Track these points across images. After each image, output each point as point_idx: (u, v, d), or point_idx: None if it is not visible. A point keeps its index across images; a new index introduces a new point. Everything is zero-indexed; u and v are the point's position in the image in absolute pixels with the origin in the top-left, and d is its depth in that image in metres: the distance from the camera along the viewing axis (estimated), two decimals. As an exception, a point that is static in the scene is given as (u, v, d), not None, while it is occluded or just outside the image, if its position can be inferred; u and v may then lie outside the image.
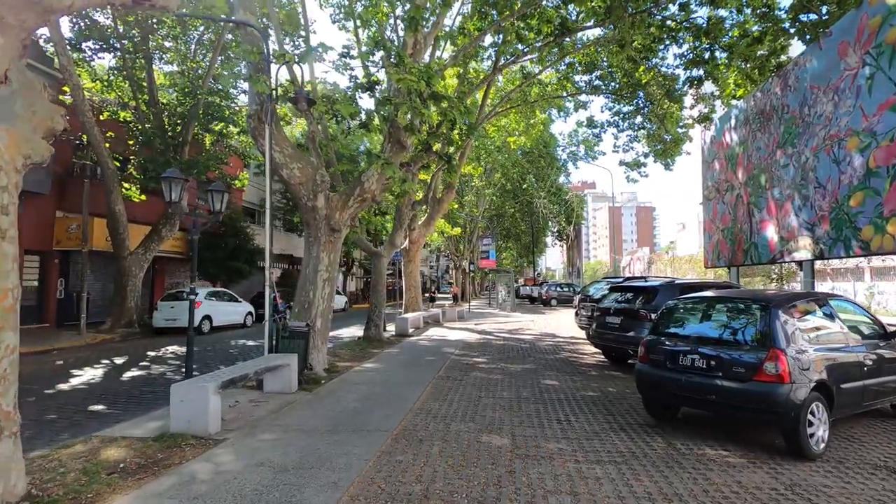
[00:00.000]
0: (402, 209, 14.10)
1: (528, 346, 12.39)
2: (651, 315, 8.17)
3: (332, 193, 8.93)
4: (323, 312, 8.80)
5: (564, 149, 37.40)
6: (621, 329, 8.61)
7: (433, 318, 19.12)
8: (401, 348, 11.85)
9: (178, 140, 17.11)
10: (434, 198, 18.16)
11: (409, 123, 8.70)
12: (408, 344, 12.70)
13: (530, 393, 7.02)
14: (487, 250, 31.21)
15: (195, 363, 10.69)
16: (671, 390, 5.02)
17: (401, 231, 14.10)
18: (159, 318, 16.06)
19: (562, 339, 13.68)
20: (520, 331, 16.26)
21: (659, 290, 8.44)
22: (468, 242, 38.47)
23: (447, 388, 7.35)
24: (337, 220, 8.85)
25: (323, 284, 8.81)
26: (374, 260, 13.60)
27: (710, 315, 5.26)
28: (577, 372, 8.71)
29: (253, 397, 6.73)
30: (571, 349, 11.68)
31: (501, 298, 29.63)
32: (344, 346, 12.31)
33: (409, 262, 18.24)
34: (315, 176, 8.56)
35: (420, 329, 16.42)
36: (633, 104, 16.20)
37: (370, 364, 9.49)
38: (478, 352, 11.27)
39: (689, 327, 5.38)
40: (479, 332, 15.60)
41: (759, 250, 9.64)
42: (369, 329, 13.32)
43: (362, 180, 9.07)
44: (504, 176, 35.67)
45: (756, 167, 9.78)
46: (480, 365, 9.44)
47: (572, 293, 33.57)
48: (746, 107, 10.28)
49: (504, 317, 23.02)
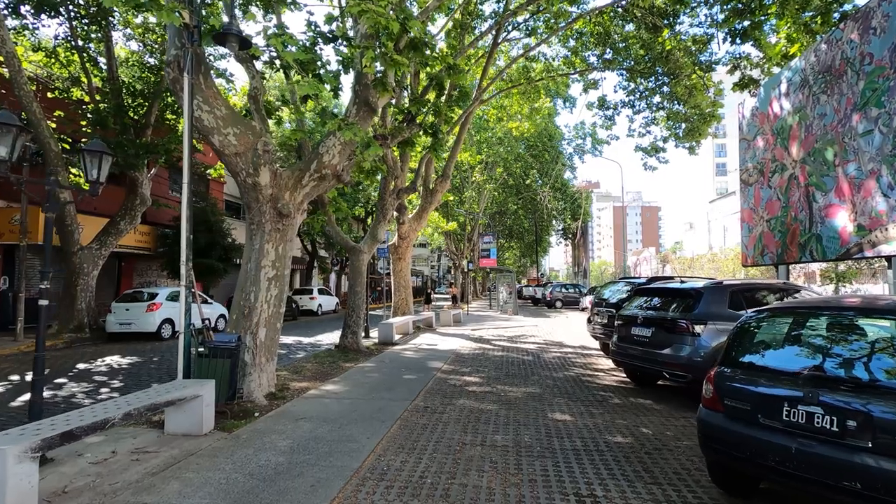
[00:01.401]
0: (386, 197, 12.14)
1: (531, 359, 10.41)
2: (694, 327, 6.18)
3: (281, 169, 6.98)
4: (269, 321, 6.85)
5: (570, 142, 35.48)
6: (653, 344, 6.63)
7: (426, 323, 17.16)
8: (379, 361, 9.89)
9: (141, 122, 15.24)
10: (426, 188, 16.21)
11: (380, 78, 6.75)
12: (389, 355, 10.74)
13: (535, 437, 5.05)
14: (488, 248, 29.22)
15: (131, 378, 8.66)
16: (768, 461, 3.04)
17: (384, 223, 12.15)
18: (113, 321, 14.16)
19: (571, 350, 11.69)
20: (522, 338, 14.28)
21: (704, 293, 6.45)
22: (468, 241, 36.50)
23: (421, 426, 5.38)
24: (287, 202, 6.90)
25: (269, 284, 6.86)
26: (353, 256, 11.67)
27: (830, 337, 3.26)
28: (594, 399, 6.73)
29: (145, 442, 4.79)
30: (584, 364, 9.70)
31: (503, 300, 27.64)
32: (313, 357, 10.37)
33: (398, 260, 16.29)
34: (257, 145, 6.61)
35: (408, 336, 14.46)
36: (650, 80, 14.22)
37: (332, 386, 7.52)
38: (470, 367, 9.30)
39: (791, 356, 3.40)
40: (475, 340, 13.63)
41: (825, 243, 7.63)
42: (346, 337, 11.38)
43: (320, 152, 7.12)
44: (506, 170, 33.70)
45: (819, 139, 7.77)
46: (471, 387, 7.47)
47: (578, 294, 31.57)
48: (804, 65, 8.27)
49: (505, 321, 21.04)
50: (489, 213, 37.44)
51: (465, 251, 36.25)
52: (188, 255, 5.87)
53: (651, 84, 14.32)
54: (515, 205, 38.59)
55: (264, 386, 6.72)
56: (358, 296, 11.51)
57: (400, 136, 8.59)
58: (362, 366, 9.37)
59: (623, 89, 15.10)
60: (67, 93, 14.89)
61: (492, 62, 14.58)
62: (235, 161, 6.61)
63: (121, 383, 8.30)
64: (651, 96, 14.45)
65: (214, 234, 18.62)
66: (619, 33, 13.75)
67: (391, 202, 12.28)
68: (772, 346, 3.57)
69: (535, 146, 33.60)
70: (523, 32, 15.06)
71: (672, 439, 5.00)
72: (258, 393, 6.46)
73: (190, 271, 5.88)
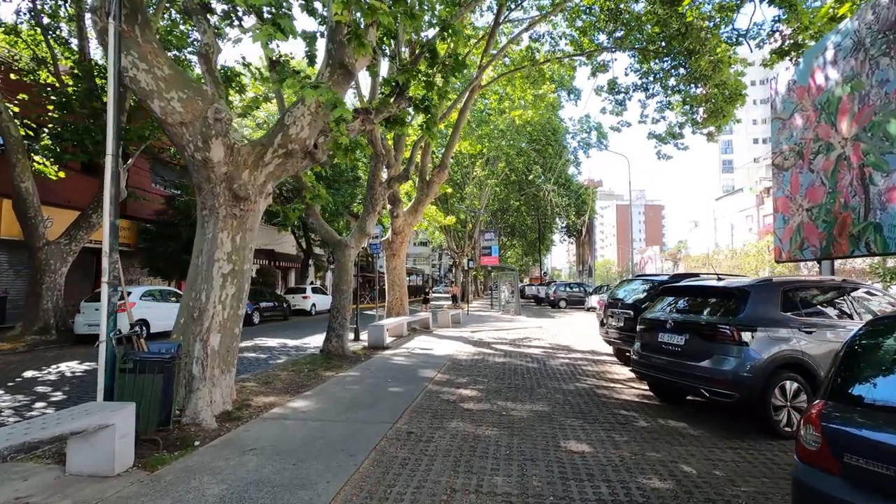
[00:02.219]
0: (375, 186, 10.99)
1: (536, 366, 9.25)
2: (741, 334, 5.01)
3: (240, 143, 5.83)
4: (224, 325, 5.71)
5: (574, 136, 34.29)
6: (687, 355, 5.46)
7: (422, 324, 16.01)
8: (364, 369, 8.74)
9: (115, 107, 14.07)
10: (422, 179, 15.05)
11: (354, 31, 5.58)
12: (377, 362, 9.59)
13: (545, 478, 3.89)
14: (489, 246, 28.03)
15: (78, 389, 6.88)
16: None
17: (373, 216, 10.99)
18: (81, 322, 13.04)
19: (580, 356, 10.52)
20: (526, 342, 13.11)
21: (750, 292, 5.28)
22: (469, 238, 35.33)
23: (400, 462, 4.22)
24: (244, 182, 5.75)
25: (224, 282, 5.72)
26: (338, 252, 10.51)
27: None
28: (615, 420, 5.56)
29: (34, 487, 3.64)
30: (597, 374, 8.53)
31: (504, 300, 26.47)
32: (291, 364, 9.22)
33: (392, 257, 15.13)
34: (207, 112, 5.46)
35: (402, 339, 13.31)
36: (665, 61, 13.02)
37: (302, 401, 6.37)
38: (467, 377, 8.14)
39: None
40: (474, 344, 12.46)
41: (886, 233, 6.45)
42: (330, 341, 10.22)
43: (286, 123, 5.96)
44: (508, 165, 32.50)
45: (880, 110, 6.58)
46: (467, 403, 6.31)
47: (583, 294, 30.40)
48: (857, 26, 7.08)
49: (507, 321, 19.87)
50: (491, 209, 36.28)
51: (466, 249, 35.07)
52: (112, 245, 4.71)
53: (666, 65, 13.12)
54: (518, 201, 37.40)
55: (217, 404, 5.57)
56: (343, 295, 10.35)
57: (386, 112, 7.42)
58: (344, 375, 8.22)
59: (635, 72, 13.92)
60: (34, 74, 13.76)
61: (493, 43, 13.41)
62: (181, 132, 5.45)
63: (63, 396, 7.17)
64: (666, 78, 13.25)
65: (198, 229, 17.45)
66: (629, 13, 12.56)
67: (381, 192, 11.12)
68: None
69: (538, 140, 32.41)
70: (527, 11, 13.91)
71: (726, 483, 3.83)
72: (207, 413, 5.31)
73: (115, 265, 4.73)
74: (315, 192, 8.14)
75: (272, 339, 14.39)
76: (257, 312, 19.34)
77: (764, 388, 4.87)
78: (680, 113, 13.89)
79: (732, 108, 10.89)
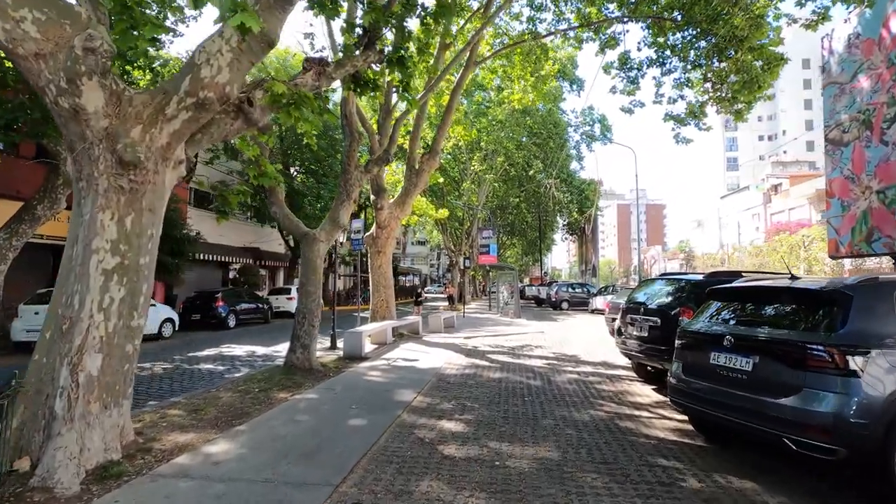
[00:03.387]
0: (350, 170, 9.37)
1: (540, 384, 7.63)
2: (847, 359, 3.39)
3: (131, 91, 4.21)
4: (108, 341, 4.10)
5: (577, 128, 32.70)
6: (758, 385, 3.84)
7: (410, 329, 14.40)
8: (325, 391, 7.11)
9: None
10: (410, 167, 13.44)
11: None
12: (346, 379, 7.96)
13: None
14: (487, 244, 26.42)
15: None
16: None
17: (347, 204, 9.38)
18: (20, 328, 11.48)
19: (591, 370, 8.90)
20: (526, 350, 11.49)
21: (854, 297, 3.65)
22: (467, 236, 33.74)
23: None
24: (135, 142, 4.13)
25: (106, 281, 4.10)
26: (304, 246, 8.89)
27: None
28: (653, 477, 3.94)
29: None
30: (614, 395, 6.91)
31: (503, 301, 24.85)
32: (243, 382, 7.61)
33: (377, 254, 13.51)
34: (75, 40, 3.84)
35: (385, 347, 11.69)
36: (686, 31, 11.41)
37: (224, 444, 4.73)
38: (453, 400, 6.52)
39: None
40: (467, 353, 10.84)
41: None
42: (294, 352, 8.60)
43: (196, 62, 4.34)
44: (508, 160, 30.91)
45: None
46: (448, 446, 4.68)
47: (587, 295, 28.79)
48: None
49: (506, 325, 18.25)
50: (489, 206, 34.69)
51: (464, 247, 33.47)
52: None
53: (686, 35, 11.50)
54: (517, 198, 35.79)
55: (94, 452, 3.95)
56: (311, 297, 8.73)
57: (349, 65, 5.81)
58: (301, 398, 6.59)
59: (649, 46, 12.30)
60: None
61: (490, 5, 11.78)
62: (38, 68, 3.84)
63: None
64: (686, 51, 11.62)
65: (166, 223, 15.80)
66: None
67: (357, 177, 9.49)
68: None
69: (538, 134, 30.82)
70: None
71: None
72: (68, 471, 3.68)
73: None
74: (262, 171, 6.51)
75: (241, 347, 12.78)
76: (234, 315, 17.74)
77: (885, 441, 3.26)
78: (700, 91, 12.27)
79: (772, 77, 9.25)
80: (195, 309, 17.16)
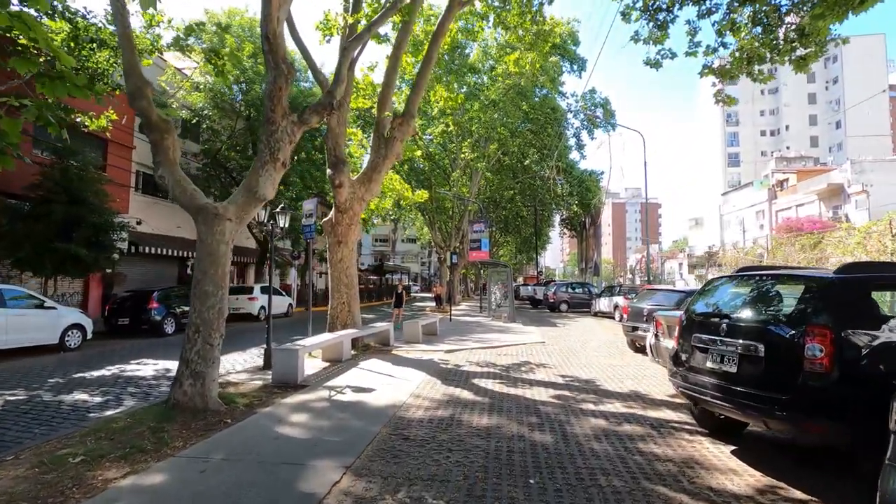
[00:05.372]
0: (274, 118, 6.49)
1: (551, 443, 4.82)
2: None
3: None
4: None
5: (577, 114, 29.94)
6: None
7: (379, 339, 11.56)
8: (188, 467, 4.25)
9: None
10: (379, 134, 10.60)
11: None
12: (244, 434, 5.09)
13: None
14: (479, 238, 23.59)
15: None
16: None
17: (272, 168, 6.50)
18: None
19: (623, 409, 6.11)
20: (525, 372, 8.70)
21: None
22: (457, 231, 30.91)
23: None
24: None
25: None
26: (202, 225, 6.01)
27: None
28: None
29: None
30: (677, 469, 4.12)
31: (496, 302, 22.06)
32: (70, 440, 4.75)
33: (336, 245, 10.64)
34: None
35: (339, 366, 8.83)
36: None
37: None
38: (405, 483, 3.70)
39: None
40: (445, 377, 8.01)
41: None
42: (180, 384, 5.73)
43: None
44: (502, 147, 28.12)
45: None
46: None
47: (588, 296, 26.07)
48: None
49: (498, 331, 15.43)
50: (482, 199, 31.87)
51: (453, 242, 30.63)
52: None
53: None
54: (512, 189, 32.98)
55: None
56: (208, 299, 5.86)
57: None
58: (132, 485, 3.74)
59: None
60: None
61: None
62: None
63: None
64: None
65: (81, 207, 12.85)
66: None
67: (287, 129, 6.61)
68: None
69: (535, 119, 28.03)
70: None
71: None
72: None
73: None
74: (51, 83, 3.57)
75: (159, 362, 9.89)
76: (173, 319, 14.80)
77: None
78: (749, 37, 9.51)
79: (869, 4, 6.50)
80: (124, 312, 14.19)
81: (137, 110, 6.12)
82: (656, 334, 7.51)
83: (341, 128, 10.24)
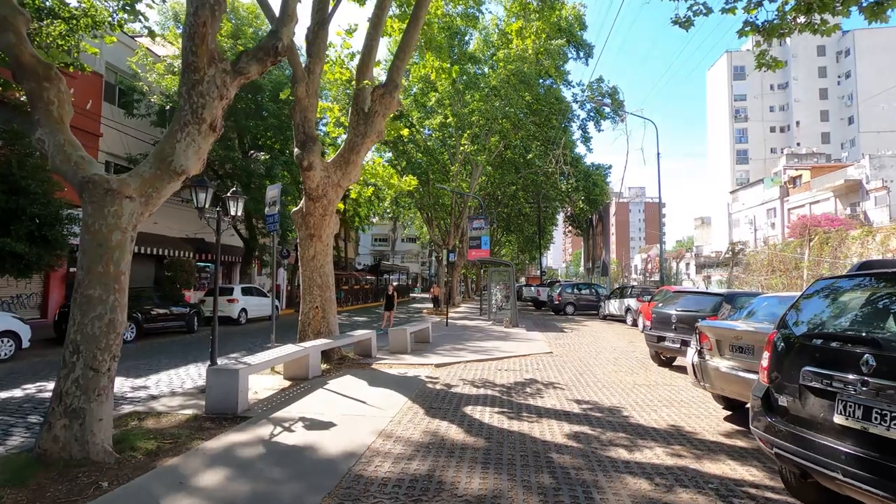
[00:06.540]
0: (198, 63, 4.84)
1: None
2: None
3: None
4: None
5: (583, 105, 28.25)
6: None
7: (359, 350, 9.92)
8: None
9: None
10: (358, 109, 8.97)
11: None
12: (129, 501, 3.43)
13: None
14: (479, 236, 21.94)
15: None
16: None
17: (192, 130, 4.84)
18: None
19: (669, 459, 4.45)
20: (532, 392, 7.04)
21: None
22: (456, 228, 29.24)
23: None
24: None
25: None
26: (89, 205, 4.40)
27: None
28: None
29: None
30: None
31: (497, 305, 20.38)
32: None
33: (308, 238, 9.00)
34: None
35: (301, 386, 7.17)
36: None
37: None
38: None
39: None
40: (429, 404, 6.35)
41: None
42: (50, 428, 4.10)
43: None
44: (503, 139, 26.45)
45: None
46: None
47: (596, 298, 24.39)
48: None
49: (499, 338, 13.76)
50: (482, 195, 30.19)
51: (453, 240, 28.97)
52: None
53: None
54: (515, 185, 31.30)
55: None
56: (94, 307, 4.23)
57: None
58: None
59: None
60: None
61: None
62: None
63: None
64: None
65: (21, 197, 11.23)
66: None
67: (216, 80, 4.96)
68: None
69: (539, 111, 26.35)
70: None
71: None
72: None
73: None
74: None
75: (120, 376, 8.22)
76: (133, 325, 13.19)
77: None
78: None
79: None
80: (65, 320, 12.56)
81: (2, 47, 4.48)
82: (700, 350, 5.84)
83: (311, 99, 8.58)
